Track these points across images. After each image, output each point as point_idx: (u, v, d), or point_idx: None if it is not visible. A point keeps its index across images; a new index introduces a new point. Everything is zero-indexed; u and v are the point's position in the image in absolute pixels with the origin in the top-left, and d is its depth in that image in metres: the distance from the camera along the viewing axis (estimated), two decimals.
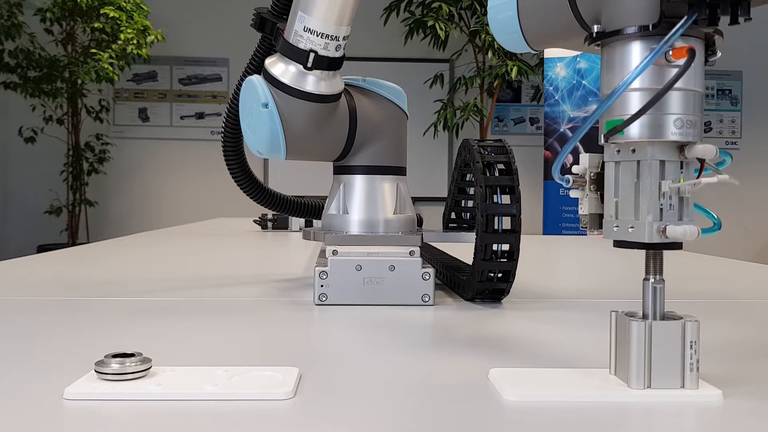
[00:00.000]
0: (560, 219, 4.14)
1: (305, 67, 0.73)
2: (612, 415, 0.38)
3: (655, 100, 0.38)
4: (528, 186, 5.11)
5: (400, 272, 0.73)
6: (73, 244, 4.87)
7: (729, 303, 0.81)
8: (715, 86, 5.80)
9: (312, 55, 0.73)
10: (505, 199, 0.72)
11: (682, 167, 0.41)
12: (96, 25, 4.61)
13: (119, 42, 4.60)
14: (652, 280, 0.41)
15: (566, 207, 4.15)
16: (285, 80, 0.74)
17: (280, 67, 0.74)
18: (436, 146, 5.37)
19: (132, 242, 1.60)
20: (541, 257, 1.41)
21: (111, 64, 4.62)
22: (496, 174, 0.73)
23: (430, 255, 1.04)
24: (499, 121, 5.73)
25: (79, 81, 4.62)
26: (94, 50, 4.66)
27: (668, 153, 0.40)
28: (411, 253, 0.75)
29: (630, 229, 0.40)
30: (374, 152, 0.80)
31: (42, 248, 4.87)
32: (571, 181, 0.44)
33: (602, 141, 0.42)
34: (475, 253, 0.73)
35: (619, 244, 0.42)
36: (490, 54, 4.73)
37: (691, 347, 0.40)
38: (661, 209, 0.40)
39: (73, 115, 4.95)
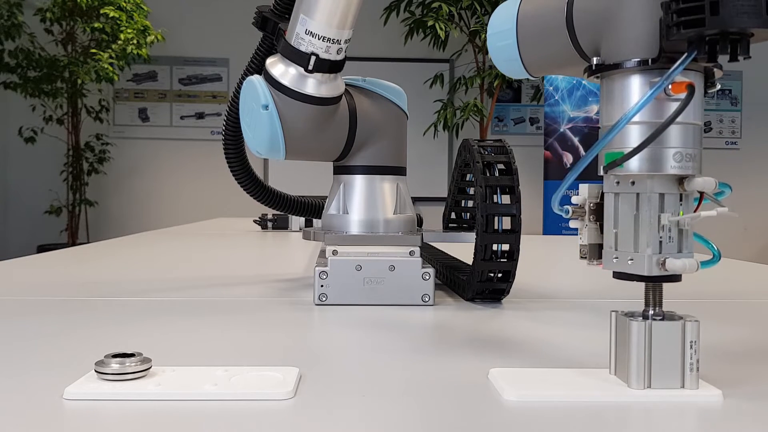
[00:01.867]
0: (560, 219, 4.14)
1: (306, 70, 0.73)
2: (612, 415, 0.38)
3: (654, 137, 0.38)
4: (528, 186, 5.11)
5: (400, 272, 0.73)
6: (73, 244, 4.87)
7: (729, 303, 0.81)
8: None
9: (313, 58, 0.72)
10: (505, 199, 0.72)
11: (681, 199, 0.40)
12: (96, 25, 4.61)
13: (119, 42, 4.60)
14: (651, 312, 0.41)
15: (567, 207, 4.15)
16: (285, 82, 0.73)
17: (280, 68, 0.74)
18: (436, 146, 5.37)
19: (132, 242, 1.60)
20: (541, 257, 1.41)
21: (111, 64, 4.62)
22: (496, 174, 0.73)
23: (430, 255, 1.04)
24: (499, 121, 5.73)
25: (79, 81, 4.63)
26: (94, 50, 4.66)
27: (667, 186, 0.40)
28: (411, 253, 0.75)
29: (629, 261, 0.40)
30: (374, 152, 0.80)
31: (42, 248, 4.87)
32: (570, 211, 0.44)
33: (601, 172, 0.41)
34: (475, 253, 0.73)
35: (618, 275, 0.42)
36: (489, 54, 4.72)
37: (691, 347, 0.40)
38: (661, 242, 0.40)
39: (73, 115, 4.96)
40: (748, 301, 0.83)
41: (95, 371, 0.42)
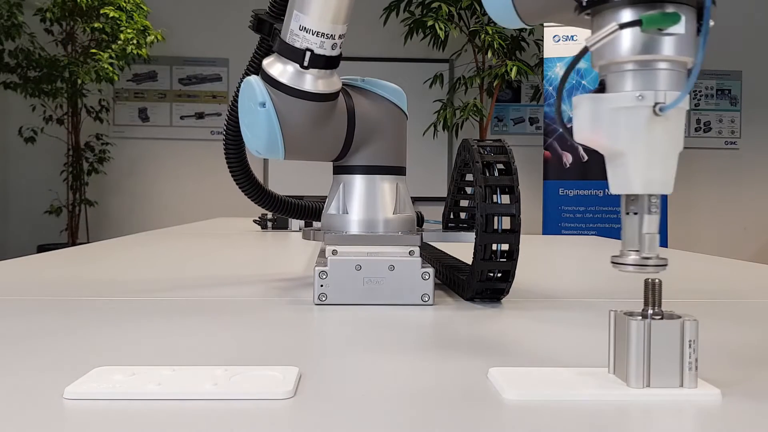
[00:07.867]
0: (560, 219, 4.14)
1: (302, 66, 0.73)
2: (611, 414, 0.39)
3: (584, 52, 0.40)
4: (528, 186, 5.12)
5: (400, 272, 0.73)
6: (73, 244, 4.87)
7: (729, 303, 0.81)
8: (715, 86, 5.80)
9: (308, 53, 0.73)
10: (505, 199, 0.72)
11: None
12: (96, 25, 4.61)
13: (119, 42, 4.60)
14: (650, 311, 0.42)
15: (566, 207, 4.15)
16: (283, 80, 0.74)
17: (277, 67, 0.74)
18: (436, 146, 5.38)
19: (132, 242, 1.60)
20: (540, 257, 1.41)
21: (111, 64, 4.63)
22: (496, 174, 0.74)
23: (430, 255, 1.04)
24: (498, 121, 5.74)
25: (79, 81, 4.63)
26: (94, 50, 4.66)
27: None
28: (410, 253, 0.75)
29: None
30: (374, 152, 0.80)
31: (42, 248, 4.87)
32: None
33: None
34: (474, 253, 0.73)
35: None
36: (489, 54, 4.73)
37: (689, 346, 0.40)
38: None
39: (73, 115, 4.96)
40: (747, 301, 0.83)
41: None
